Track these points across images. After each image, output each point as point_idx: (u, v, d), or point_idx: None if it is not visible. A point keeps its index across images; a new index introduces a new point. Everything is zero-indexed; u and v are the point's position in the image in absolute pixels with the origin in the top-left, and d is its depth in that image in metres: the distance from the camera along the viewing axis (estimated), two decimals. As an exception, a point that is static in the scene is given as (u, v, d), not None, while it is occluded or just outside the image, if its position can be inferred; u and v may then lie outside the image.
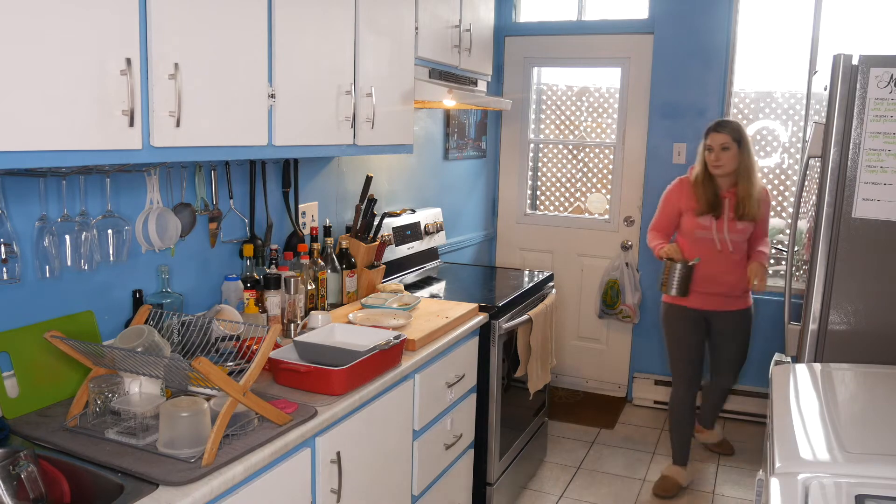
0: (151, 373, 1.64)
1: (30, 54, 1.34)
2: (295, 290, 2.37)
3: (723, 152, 3.13)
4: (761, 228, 3.28)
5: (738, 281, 3.27)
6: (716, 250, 3.23)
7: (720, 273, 3.25)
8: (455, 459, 2.71)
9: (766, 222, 3.30)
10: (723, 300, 3.32)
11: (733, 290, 3.29)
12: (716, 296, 3.30)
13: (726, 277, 3.26)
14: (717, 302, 3.32)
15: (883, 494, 1.46)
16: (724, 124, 3.17)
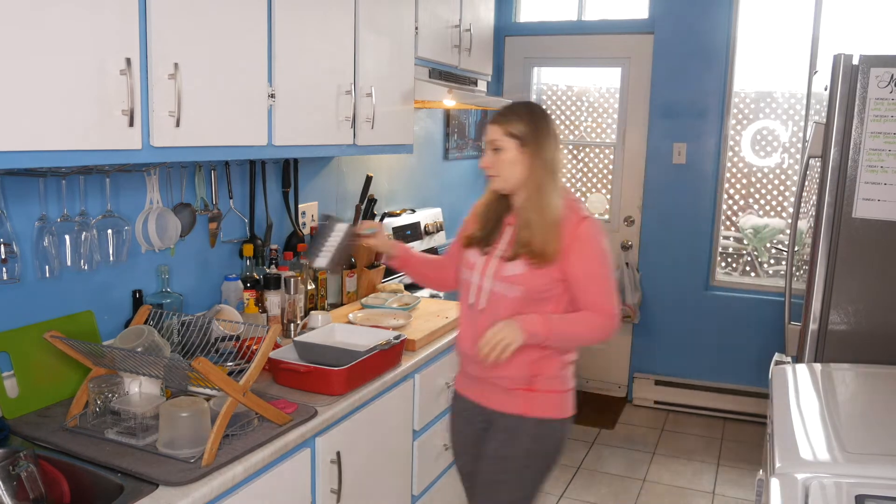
0: (151, 373, 1.64)
1: (29, 54, 1.34)
2: (295, 290, 2.37)
3: (494, 154, 1.90)
4: (582, 290, 1.88)
5: (509, 364, 1.89)
6: (467, 305, 1.99)
7: (469, 346, 1.96)
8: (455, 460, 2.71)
9: (592, 280, 1.87)
10: (498, 394, 1.98)
11: (501, 378, 1.94)
12: (487, 385, 1.99)
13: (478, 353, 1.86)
14: (492, 396, 1.99)
15: (883, 494, 1.46)
16: (504, 113, 1.91)
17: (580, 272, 1.87)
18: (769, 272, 4.52)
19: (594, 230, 1.90)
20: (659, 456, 3.82)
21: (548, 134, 1.91)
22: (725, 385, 4.29)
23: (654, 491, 3.45)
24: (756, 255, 4.54)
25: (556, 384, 1.96)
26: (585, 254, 1.87)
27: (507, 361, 1.86)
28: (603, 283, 1.89)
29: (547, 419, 1.95)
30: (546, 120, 1.92)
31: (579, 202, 1.96)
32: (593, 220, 1.92)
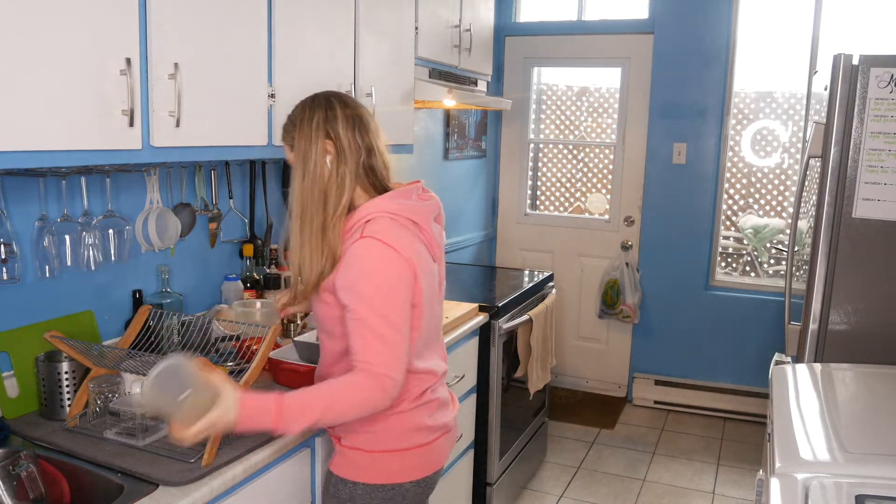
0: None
1: (29, 54, 1.34)
2: (295, 290, 2.37)
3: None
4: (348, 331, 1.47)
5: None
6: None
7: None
8: (455, 460, 2.71)
9: (352, 317, 1.45)
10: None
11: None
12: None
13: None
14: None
15: (883, 494, 1.46)
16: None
17: (344, 303, 1.47)
18: (769, 272, 4.53)
19: (368, 250, 1.45)
20: (659, 456, 3.82)
21: (305, 124, 1.51)
22: (725, 385, 4.29)
23: (654, 491, 3.45)
24: (756, 255, 4.55)
25: (361, 442, 1.59)
26: (348, 279, 1.46)
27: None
28: (365, 326, 1.44)
29: (342, 479, 1.61)
30: (304, 110, 1.53)
31: (379, 218, 1.49)
32: (375, 238, 1.46)
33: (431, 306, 1.61)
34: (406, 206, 1.55)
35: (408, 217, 1.54)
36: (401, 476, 1.60)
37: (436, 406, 1.67)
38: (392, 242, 1.47)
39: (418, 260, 1.52)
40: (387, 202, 1.53)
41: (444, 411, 1.70)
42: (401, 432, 1.60)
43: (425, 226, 1.58)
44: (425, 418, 1.63)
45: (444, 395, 1.73)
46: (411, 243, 1.52)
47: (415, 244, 1.54)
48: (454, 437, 1.75)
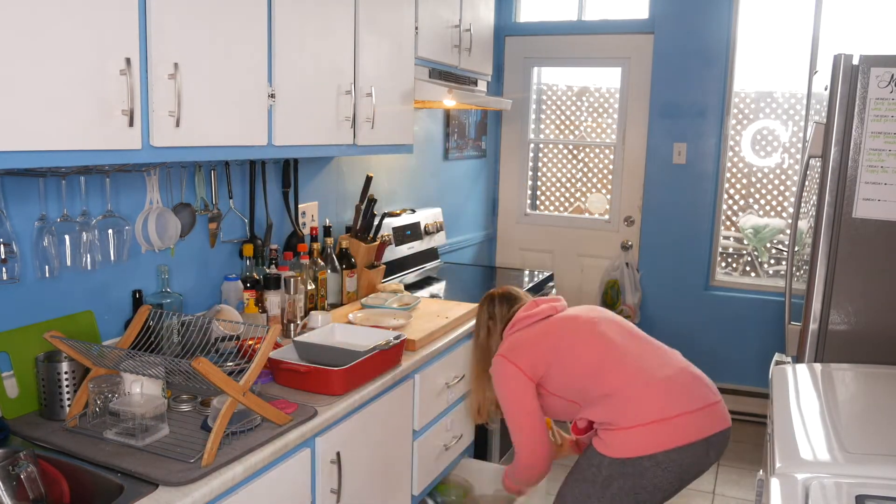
0: (152, 373, 1.64)
1: (29, 54, 1.34)
2: (295, 290, 2.37)
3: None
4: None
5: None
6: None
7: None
8: (455, 460, 2.71)
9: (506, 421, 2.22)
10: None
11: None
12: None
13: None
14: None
15: (883, 495, 1.46)
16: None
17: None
18: (769, 272, 4.53)
19: (497, 371, 2.13)
20: (659, 456, 3.81)
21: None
22: (725, 385, 4.29)
23: (654, 491, 3.44)
24: (756, 255, 4.55)
25: (603, 426, 2.02)
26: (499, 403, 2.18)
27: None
28: (511, 427, 2.12)
29: (594, 449, 2.03)
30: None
31: (510, 341, 2.17)
32: (500, 358, 2.13)
33: (569, 353, 2.09)
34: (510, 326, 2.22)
35: (510, 327, 2.21)
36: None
37: (658, 378, 2.00)
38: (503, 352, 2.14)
39: (526, 347, 2.13)
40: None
41: (676, 386, 2.00)
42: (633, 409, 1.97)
43: (526, 312, 2.19)
44: (650, 393, 1.98)
45: (671, 371, 2.03)
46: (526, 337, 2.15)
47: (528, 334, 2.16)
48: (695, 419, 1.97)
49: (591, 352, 2.05)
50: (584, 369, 2.04)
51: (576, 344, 2.08)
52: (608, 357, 2.03)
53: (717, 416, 1.99)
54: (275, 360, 1.97)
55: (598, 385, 2.01)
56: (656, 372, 1.99)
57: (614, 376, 2.00)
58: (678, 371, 2.02)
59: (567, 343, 2.09)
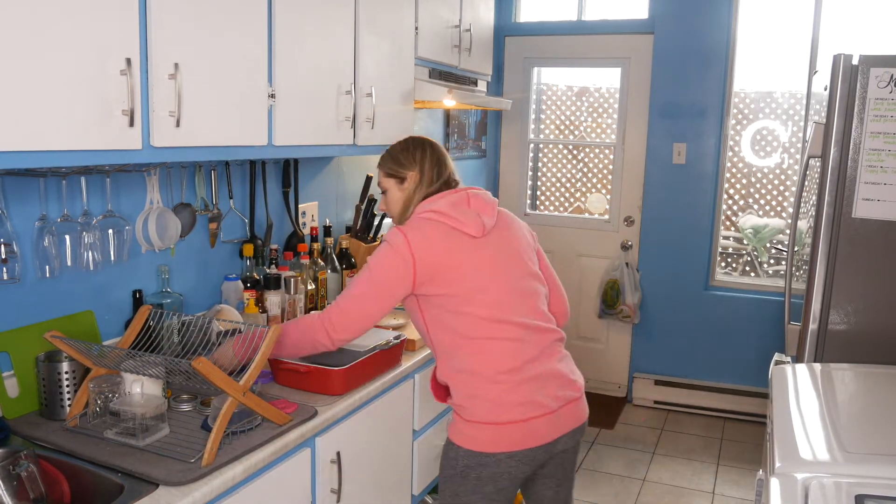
0: (152, 373, 1.64)
1: (30, 54, 1.34)
2: (295, 290, 2.37)
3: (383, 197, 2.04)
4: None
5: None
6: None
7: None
8: (455, 459, 2.71)
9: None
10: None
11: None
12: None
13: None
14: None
15: (883, 494, 1.46)
16: (382, 155, 2.04)
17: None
18: (769, 272, 4.53)
19: (383, 243, 1.85)
20: (659, 456, 3.82)
21: (408, 163, 1.96)
22: (725, 385, 4.29)
23: (654, 491, 3.45)
24: (756, 255, 4.55)
25: (462, 410, 1.83)
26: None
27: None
28: (347, 291, 1.85)
29: (450, 441, 1.86)
30: (406, 149, 1.98)
31: (417, 219, 1.87)
32: (387, 235, 1.85)
33: (470, 278, 1.82)
34: (438, 204, 1.87)
35: (435, 210, 1.86)
36: (484, 446, 1.80)
37: (526, 378, 1.81)
38: (406, 232, 1.82)
39: (437, 244, 1.81)
40: (426, 204, 1.89)
41: (540, 387, 1.83)
42: (481, 409, 1.80)
43: (454, 213, 1.85)
44: (515, 392, 1.80)
45: (542, 369, 1.85)
46: (432, 231, 1.83)
47: (435, 231, 1.83)
48: (554, 420, 1.85)
49: (472, 294, 1.80)
50: (456, 307, 1.80)
51: (465, 277, 1.81)
52: (484, 314, 1.80)
53: (576, 413, 1.91)
54: (275, 360, 1.97)
55: (462, 344, 1.81)
56: (528, 361, 1.83)
57: (480, 346, 1.80)
58: (551, 366, 1.88)
59: (461, 272, 1.81)
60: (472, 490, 1.83)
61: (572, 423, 1.91)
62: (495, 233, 1.91)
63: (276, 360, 1.98)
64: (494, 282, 1.83)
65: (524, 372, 1.81)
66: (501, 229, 1.94)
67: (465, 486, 1.83)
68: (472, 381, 1.81)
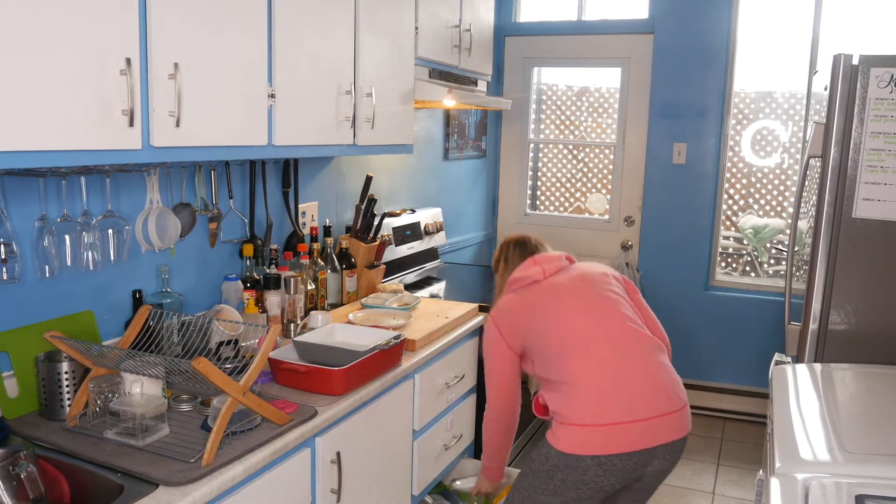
0: (152, 373, 1.64)
1: (30, 54, 1.34)
2: (295, 290, 2.37)
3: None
4: None
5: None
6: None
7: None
8: (455, 460, 2.71)
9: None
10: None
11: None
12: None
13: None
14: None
15: (883, 494, 1.46)
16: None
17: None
18: (769, 272, 4.53)
19: (485, 330, 2.17)
20: (659, 456, 3.81)
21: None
22: (725, 385, 4.29)
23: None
24: (756, 255, 4.55)
25: (557, 416, 1.99)
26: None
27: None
28: (486, 383, 2.20)
29: (545, 439, 2.01)
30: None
31: (501, 303, 2.17)
32: (489, 320, 2.16)
33: (549, 323, 2.04)
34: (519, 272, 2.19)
35: (508, 283, 2.19)
36: (573, 447, 1.90)
37: (621, 383, 1.94)
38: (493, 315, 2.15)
39: (511, 311, 2.11)
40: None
41: (633, 393, 1.94)
42: (570, 413, 1.94)
43: (515, 276, 2.17)
44: (609, 396, 1.93)
45: (638, 377, 1.95)
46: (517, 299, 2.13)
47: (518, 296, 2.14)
48: (647, 428, 1.92)
49: (557, 331, 2.01)
50: (549, 349, 2.01)
51: (546, 320, 2.03)
52: (571, 341, 1.99)
53: (672, 426, 1.92)
54: (275, 360, 1.97)
55: (556, 369, 1.98)
56: (620, 370, 1.93)
57: (573, 364, 1.95)
58: (646, 375, 1.94)
59: (540, 318, 2.04)
60: (552, 491, 1.91)
61: (669, 436, 1.91)
62: (566, 273, 2.15)
63: (276, 360, 1.98)
64: (577, 308, 2.03)
65: (618, 378, 1.91)
66: (569, 269, 2.18)
67: (548, 484, 1.94)
68: (567, 390, 1.94)
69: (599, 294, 2.09)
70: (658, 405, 1.90)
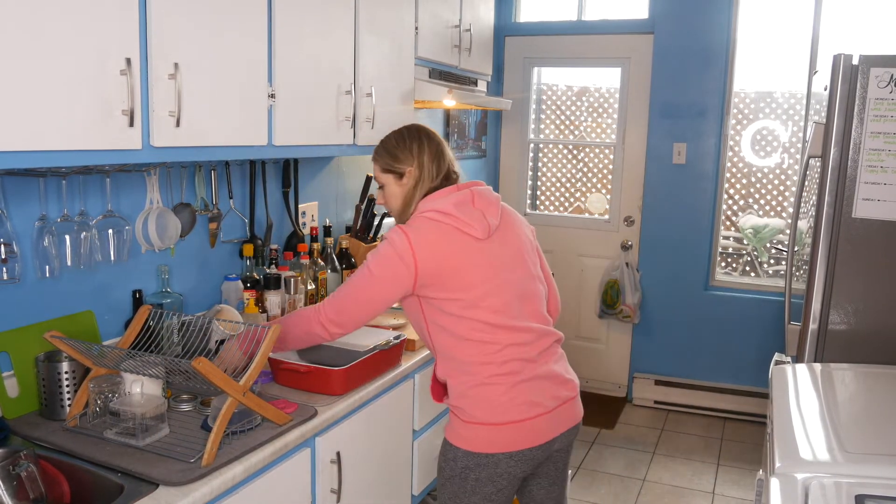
0: (152, 373, 1.64)
1: (30, 54, 1.34)
2: (295, 290, 2.37)
3: (380, 192, 1.96)
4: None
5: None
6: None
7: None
8: (455, 459, 2.71)
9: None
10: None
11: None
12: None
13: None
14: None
15: (883, 494, 1.46)
16: (375, 149, 1.94)
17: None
18: (769, 272, 4.53)
19: (381, 244, 1.80)
20: (659, 456, 3.82)
21: (405, 158, 1.87)
22: (725, 385, 4.29)
23: (654, 491, 3.45)
24: (756, 255, 4.55)
25: (458, 411, 1.82)
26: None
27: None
28: (345, 287, 1.83)
29: (447, 442, 1.85)
30: (401, 141, 1.89)
31: (420, 218, 1.81)
32: (389, 234, 1.79)
33: (475, 282, 1.77)
34: (442, 203, 1.81)
35: (439, 210, 1.80)
36: (481, 446, 1.79)
37: (525, 380, 1.80)
38: (409, 232, 1.77)
39: (441, 246, 1.77)
40: (429, 202, 1.83)
41: (538, 388, 1.82)
42: (480, 408, 1.78)
43: (458, 214, 1.79)
44: (513, 393, 1.78)
45: (540, 371, 1.83)
46: (435, 233, 1.78)
47: (438, 232, 1.78)
48: (552, 419, 1.85)
49: (480, 285, 1.77)
50: (466, 295, 1.76)
51: (473, 269, 1.78)
52: (490, 309, 1.77)
53: (570, 413, 1.90)
54: (275, 360, 1.98)
55: (461, 349, 1.78)
56: (522, 364, 1.80)
57: (479, 350, 1.77)
58: (546, 370, 1.85)
59: (468, 264, 1.77)
60: (471, 491, 1.82)
61: (569, 423, 1.92)
62: (499, 233, 1.85)
63: (276, 360, 1.98)
64: (498, 287, 1.79)
65: (523, 374, 1.79)
66: (505, 230, 1.87)
67: (465, 487, 1.82)
68: (469, 381, 1.79)
69: (526, 279, 1.87)
70: (559, 395, 1.86)
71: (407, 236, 1.75)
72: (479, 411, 1.78)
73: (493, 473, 1.80)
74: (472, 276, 1.77)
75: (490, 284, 1.78)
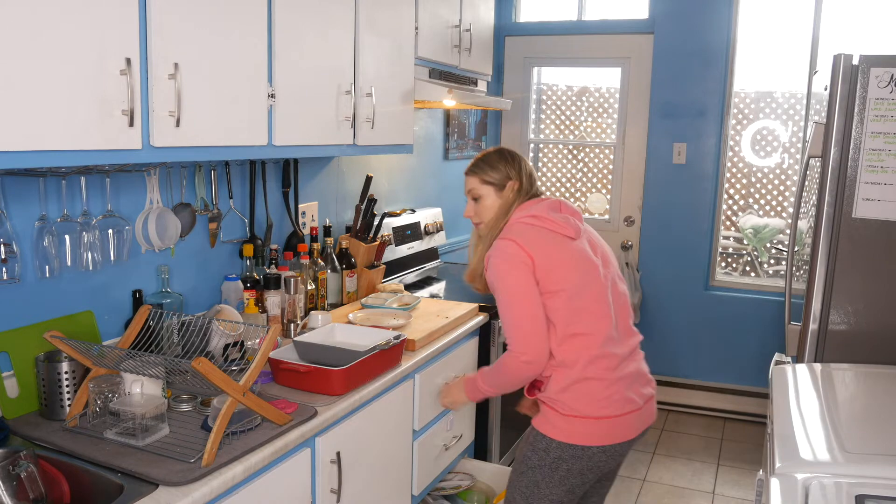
0: (152, 373, 1.64)
1: (30, 55, 1.34)
2: (295, 290, 2.37)
3: (475, 203, 2.11)
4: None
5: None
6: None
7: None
8: (455, 460, 2.71)
9: (501, 316, 1.95)
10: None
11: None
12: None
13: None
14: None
15: (883, 494, 1.46)
16: (477, 163, 2.13)
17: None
18: (769, 272, 4.52)
19: (493, 262, 1.93)
20: (659, 456, 3.82)
21: (509, 172, 2.08)
22: (725, 385, 4.29)
23: (654, 491, 3.45)
24: (756, 255, 4.54)
25: (556, 404, 1.93)
26: (494, 288, 1.97)
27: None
28: (506, 320, 1.93)
29: (541, 433, 1.96)
30: (504, 158, 2.10)
31: (518, 224, 1.98)
32: (497, 251, 1.93)
33: (575, 274, 1.92)
34: (537, 209, 2.00)
35: (533, 215, 1.98)
36: (579, 439, 1.90)
37: (621, 377, 1.92)
38: (514, 238, 1.92)
39: (542, 243, 1.92)
40: (524, 210, 2.01)
41: (631, 385, 1.95)
42: (579, 403, 1.90)
43: (552, 217, 1.97)
44: (612, 390, 1.91)
45: (631, 369, 1.96)
46: (534, 233, 1.95)
47: (536, 233, 1.95)
48: (641, 416, 1.98)
49: (578, 279, 1.91)
50: (567, 289, 1.88)
51: (572, 265, 1.93)
52: (589, 299, 1.91)
53: (652, 410, 2.04)
54: (275, 360, 1.97)
55: (565, 342, 1.89)
56: (619, 360, 1.93)
57: (582, 344, 1.89)
58: (636, 368, 1.99)
59: (569, 260, 1.92)
60: (558, 482, 1.92)
61: (649, 420, 2.03)
62: (585, 237, 2.03)
63: (275, 361, 1.98)
64: (596, 279, 1.95)
65: (619, 370, 1.92)
66: (588, 234, 2.07)
67: (553, 477, 1.93)
68: (570, 374, 1.89)
69: (617, 278, 2.05)
70: (646, 392, 2.01)
71: (512, 241, 1.92)
72: (580, 405, 1.90)
73: (584, 466, 1.92)
74: (572, 270, 1.92)
75: (589, 277, 1.94)
